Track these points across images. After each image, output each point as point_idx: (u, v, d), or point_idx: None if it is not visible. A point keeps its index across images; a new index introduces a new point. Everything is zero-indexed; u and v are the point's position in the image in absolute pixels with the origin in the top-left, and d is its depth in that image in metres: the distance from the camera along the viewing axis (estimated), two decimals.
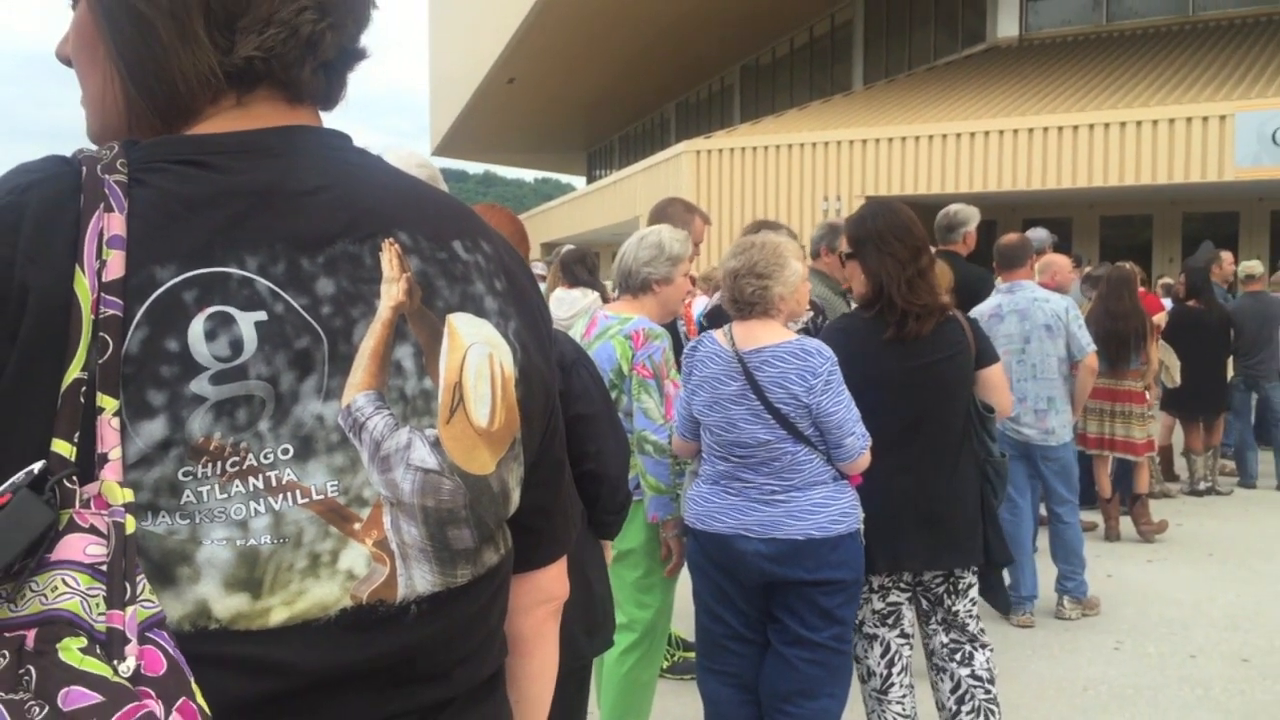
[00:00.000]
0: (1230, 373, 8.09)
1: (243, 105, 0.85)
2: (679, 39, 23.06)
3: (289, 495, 0.77)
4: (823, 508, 2.81)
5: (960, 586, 3.17)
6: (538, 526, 0.99)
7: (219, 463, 0.75)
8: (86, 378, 0.72)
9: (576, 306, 3.72)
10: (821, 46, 23.52)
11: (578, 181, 45.28)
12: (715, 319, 3.77)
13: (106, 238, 0.74)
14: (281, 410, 0.78)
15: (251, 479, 0.76)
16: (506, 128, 33.91)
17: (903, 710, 3.13)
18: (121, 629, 0.69)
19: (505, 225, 2.37)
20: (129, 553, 0.71)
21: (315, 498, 0.78)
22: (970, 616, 3.18)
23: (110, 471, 0.72)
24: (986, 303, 4.93)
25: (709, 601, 2.99)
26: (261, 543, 0.76)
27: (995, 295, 4.98)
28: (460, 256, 0.88)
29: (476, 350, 0.87)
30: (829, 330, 3.26)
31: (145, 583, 0.72)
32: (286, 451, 0.77)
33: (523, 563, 0.99)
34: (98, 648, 0.68)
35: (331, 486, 0.79)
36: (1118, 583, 5.57)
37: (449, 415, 0.85)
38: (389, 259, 0.83)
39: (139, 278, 0.74)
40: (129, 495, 0.72)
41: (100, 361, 0.72)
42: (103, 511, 0.71)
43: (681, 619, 3.86)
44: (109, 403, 0.72)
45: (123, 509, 0.71)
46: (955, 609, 3.17)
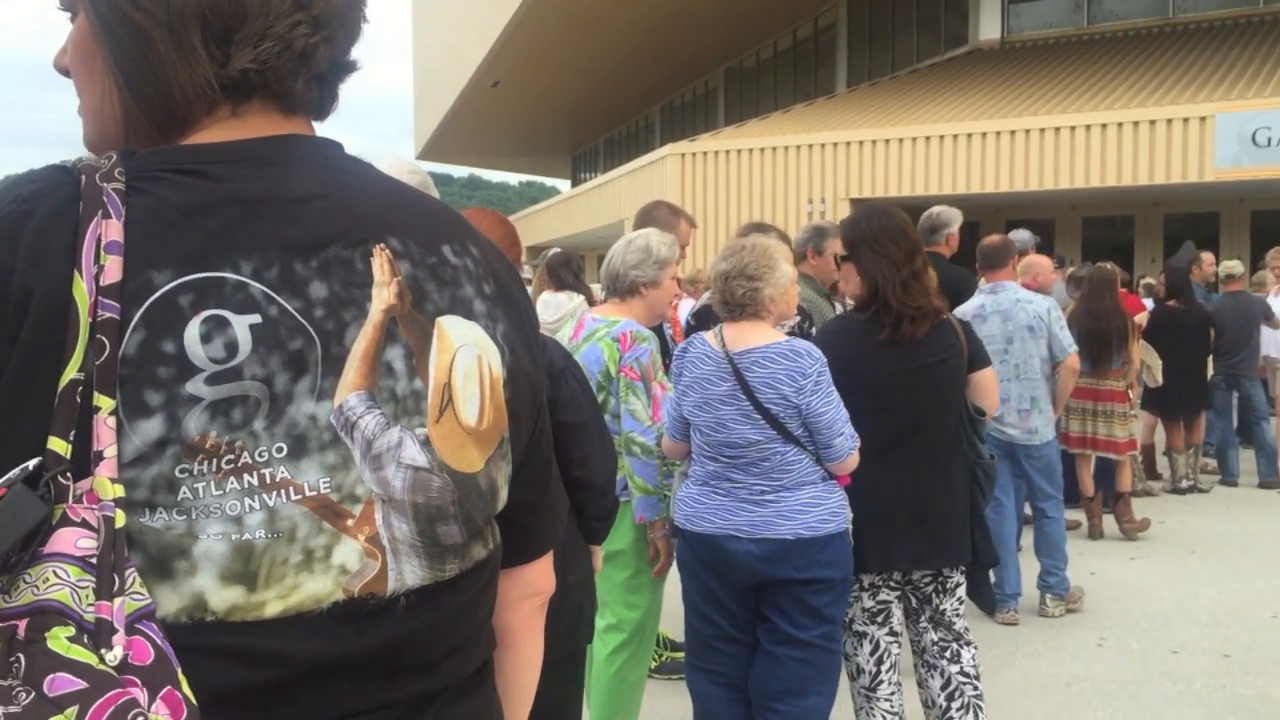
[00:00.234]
0: (1211, 372, 8.15)
1: (238, 116, 0.87)
2: (663, 42, 23.09)
3: (283, 492, 0.79)
4: (812, 507, 2.84)
5: (948, 586, 3.20)
6: (525, 523, 1.01)
7: (215, 460, 0.77)
8: (83, 378, 0.74)
9: (562, 310, 3.74)
10: (805, 49, 23.59)
11: (563, 185, 45.25)
12: (703, 320, 3.80)
13: (104, 243, 0.76)
14: (276, 410, 0.80)
15: (246, 476, 0.78)
16: (491, 131, 33.85)
17: (891, 708, 3.16)
18: (110, 619, 0.71)
19: (497, 229, 2.37)
20: (118, 546, 0.73)
21: (308, 494, 0.80)
22: (957, 615, 3.22)
23: (105, 468, 0.74)
24: (969, 303, 4.94)
25: (698, 602, 3.02)
26: (256, 537, 0.78)
27: (978, 296, 5.00)
28: (450, 261, 0.91)
29: (465, 352, 0.89)
30: (824, 332, 3.28)
31: (136, 576, 0.74)
32: (280, 450, 0.79)
33: (511, 558, 1.01)
34: (85, 637, 0.70)
35: (324, 483, 0.81)
36: (1101, 580, 5.61)
37: (438, 415, 0.87)
38: (380, 264, 0.86)
39: (136, 282, 0.76)
40: (119, 491, 0.74)
41: (97, 363, 0.74)
42: (94, 506, 0.73)
43: (670, 619, 3.87)
44: (105, 402, 0.74)
45: (113, 504, 0.73)
46: (943, 608, 3.20)
